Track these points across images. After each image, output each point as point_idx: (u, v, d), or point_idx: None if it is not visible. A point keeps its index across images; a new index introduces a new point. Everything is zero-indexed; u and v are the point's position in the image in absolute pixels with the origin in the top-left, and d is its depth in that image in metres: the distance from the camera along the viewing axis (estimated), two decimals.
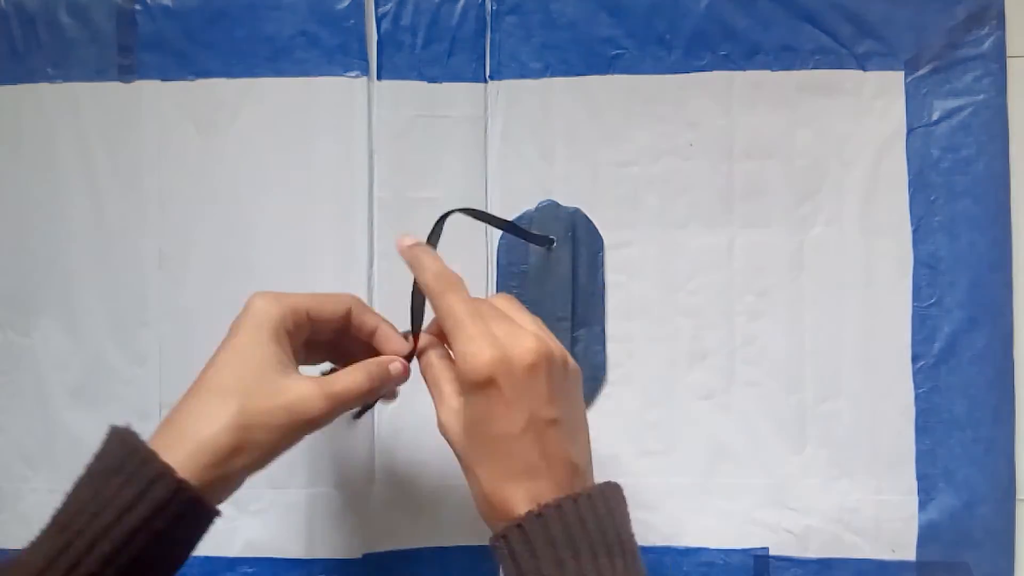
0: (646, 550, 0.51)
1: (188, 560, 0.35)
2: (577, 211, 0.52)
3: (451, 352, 0.39)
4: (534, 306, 0.51)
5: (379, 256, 0.52)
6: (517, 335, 0.36)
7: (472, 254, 0.52)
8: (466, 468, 0.38)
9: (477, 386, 0.36)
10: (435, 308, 0.39)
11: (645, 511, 0.51)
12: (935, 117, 0.52)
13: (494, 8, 0.52)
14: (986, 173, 0.52)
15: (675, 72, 0.52)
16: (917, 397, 0.51)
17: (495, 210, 0.52)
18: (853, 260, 0.52)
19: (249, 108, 0.53)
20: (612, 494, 0.37)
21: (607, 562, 0.34)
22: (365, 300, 0.52)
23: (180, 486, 0.33)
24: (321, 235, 0.52)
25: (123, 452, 0.34)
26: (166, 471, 0.33)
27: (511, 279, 0.52)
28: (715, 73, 0.52)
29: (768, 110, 0.52)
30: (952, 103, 0.52)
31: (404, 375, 0.41)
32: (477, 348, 0.36)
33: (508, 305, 0.40)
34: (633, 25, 0.52)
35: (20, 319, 0.54)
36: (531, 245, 0.51)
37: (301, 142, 0.53)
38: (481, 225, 0.52)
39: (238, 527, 0.52)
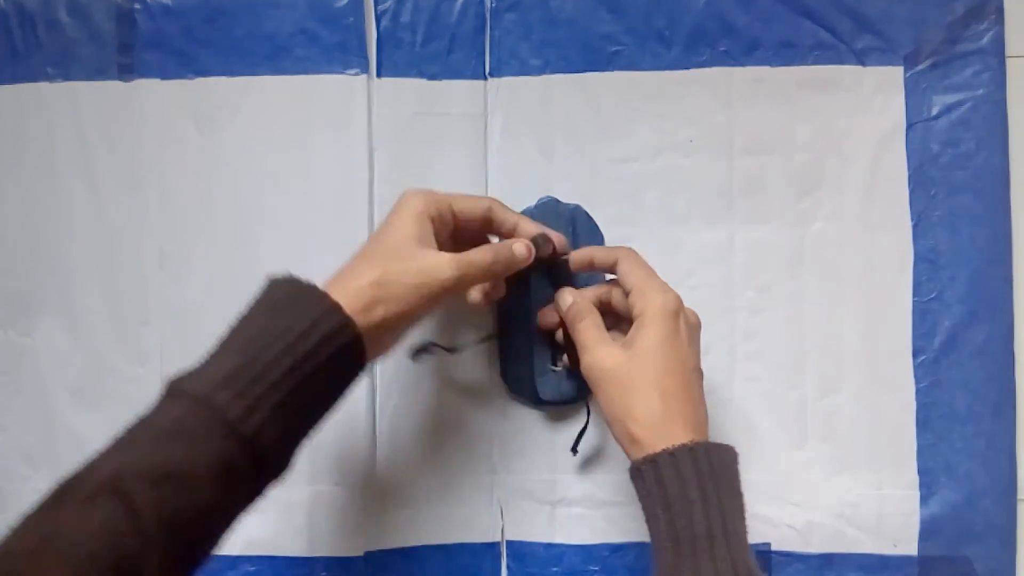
0: (648, 546, 0.51)
1: None
2: (577, 207, 0.52)
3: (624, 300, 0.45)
4: (534, 304, 0.51)
5: None
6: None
7: None
8: (624, 393, 0.42)
9: (672, 314, 0.43)
10: (619, 273, 0.46)
11: None
12: (934, 112, 0.52)
13: (493, 5, 0.53)
14: (986, 168, 0.52)
15: (675, 68, 0.52)
16: (918, 392, 0.52)
17: None
18: (853, 255, 0.52)
19: (249, 106, 0.53)
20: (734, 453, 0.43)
21: (731, 503, 0.40)
22: None
23: (347, 321, 0.38)
24: (322, 232, 0.52)
25: (295, 290, 0.39)
26: (337, 307, 0.38)
27: (511, 276, 0.52)
28: (714, 69, 0.52)
29: (768, 106, 0.52)
30: (951, 98, 0.52)
31: (527, 257, 0.46)
32: (669, 290, 0.44)
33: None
34: (632, 21, 0.52)
35: (21, 319, 0.54)
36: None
37: (301, 140, 0.53)
38: None
39: (239, 525, 0.52)
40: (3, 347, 0.54)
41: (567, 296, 0.47)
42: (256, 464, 0.36)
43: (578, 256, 0.48)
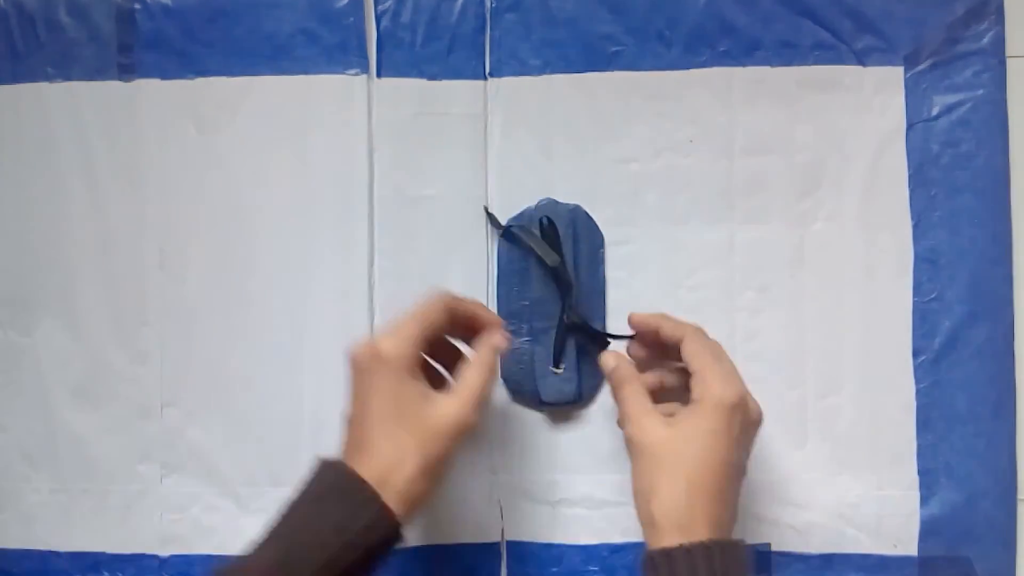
0: None
1: (195, 560, 0.37)
2: (577, 208, 0.52)
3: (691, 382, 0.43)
4: (534, 305, 0.51)
5: (379, 253, 0.52)
6: (749, 395, 0.43)
7: (472, 253, 0.52)
8: (654, 472, 0.41)
9: (728, 408, 0.41)
10: (684, 353, 0.44)
11: None
12: (935, 112, 0.52)
13: (493, 5, 0.52)
14: (986, 168, 0.52)
15: (675, 68, 0.52)
16: (918, 392, 0.51)
17: (495, 207, 0.52)
18: (853, 255, 0.52)
19: (249, 106, 0.53)
20: (750, 550, 0.44)
21: None
22: (365, 297, 0.52)
23: (392, 521, 0.39)
24: (321, 233, 0.52)
25: (338, 478, 0.40)
26: (385, 510, 0.39)
27: (512, 276, 0.52)
28: (715, 69, 0.52)
29: (768, 106, 0.52)
30: (952, 98, 0.52)
31: (508, 345, 0.46)
32: (733, 381, 0.42)
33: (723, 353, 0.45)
34: (633, 21, 0.52)
35: (21, 319, 0.54)
36: (532, 245, 0.51)
37: (301, 140, 0.53)
38: (481, 224, 0.52)
39: (240, 525, 0.52)
40: (3, 347, 0.54)
41: (610, 360, 0.46)
42: None
43: (641, 321, 0.47)
